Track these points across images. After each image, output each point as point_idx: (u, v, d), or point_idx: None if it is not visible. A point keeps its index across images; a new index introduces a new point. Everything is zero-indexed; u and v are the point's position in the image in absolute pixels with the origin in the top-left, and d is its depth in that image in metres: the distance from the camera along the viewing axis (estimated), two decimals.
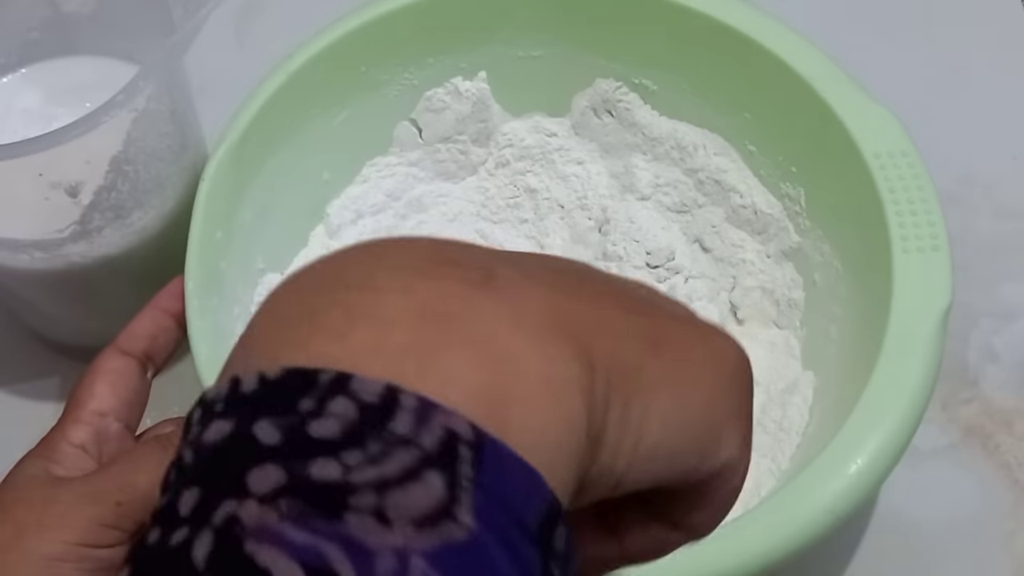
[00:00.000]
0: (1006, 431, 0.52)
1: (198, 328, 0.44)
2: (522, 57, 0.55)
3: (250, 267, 0.50)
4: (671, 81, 0.54)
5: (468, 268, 0.22)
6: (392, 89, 0.54)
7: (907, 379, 0.41)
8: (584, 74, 0.55)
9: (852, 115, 0.47)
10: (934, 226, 0.44)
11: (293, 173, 0.52)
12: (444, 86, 0.55)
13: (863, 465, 0.39)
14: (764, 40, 0.50)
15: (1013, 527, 0.50)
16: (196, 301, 0.44)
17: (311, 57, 0.50)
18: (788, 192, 0.51)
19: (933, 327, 0.42)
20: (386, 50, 0.53)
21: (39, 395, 0.54)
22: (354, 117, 0.53)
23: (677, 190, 0.55)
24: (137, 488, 0.38)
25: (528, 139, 0.57)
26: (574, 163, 0.57)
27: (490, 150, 0.57)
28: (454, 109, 0.56)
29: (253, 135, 0.49)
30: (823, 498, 0.39)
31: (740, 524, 0.39)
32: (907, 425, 0.40)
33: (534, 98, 0.57)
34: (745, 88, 0.51)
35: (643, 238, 0.54)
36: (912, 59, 0.64)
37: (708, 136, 0.54)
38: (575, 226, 0.57)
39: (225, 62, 0.60)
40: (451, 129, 0.56)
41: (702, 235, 0.54)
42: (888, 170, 0.46)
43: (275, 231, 0.51)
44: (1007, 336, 0.55)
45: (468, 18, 0.53)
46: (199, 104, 0.52)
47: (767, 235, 0.52)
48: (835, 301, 0.48)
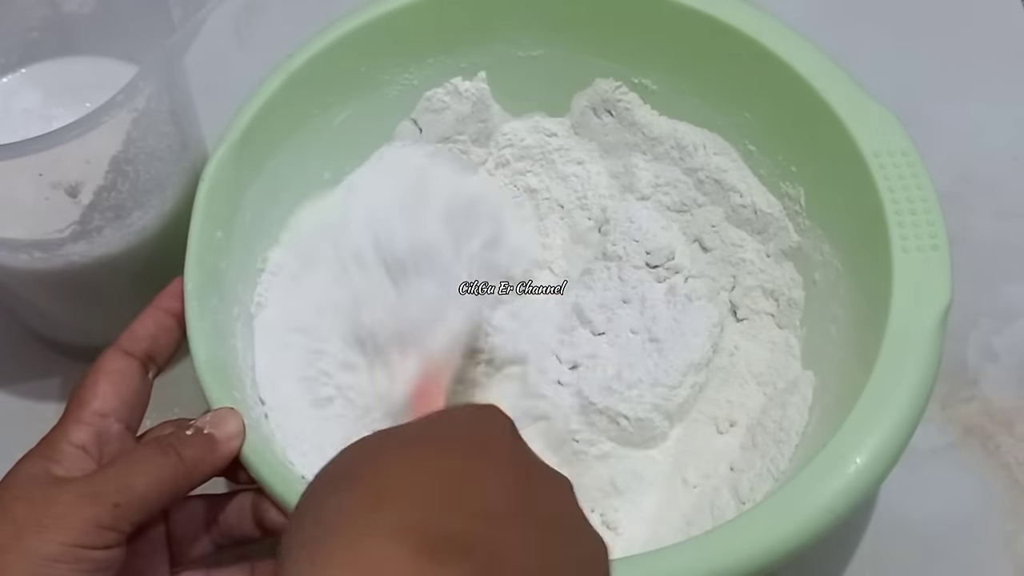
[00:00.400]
0: (1006, 431, 0.53)
1: (197, 328, 0.44)
2: (522, 57, 0.55)
3: (250, 267, 0.50)
4: (671, 81, 0.54)
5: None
6: (392, 89, 0.54)
7: (906, 379, 0.41)
8: (584, 74, 0.55)
9: (852, 115, 0.47)
10: (933, 225, 0.44)
11: (293, 173, 0.52)
12: (444, 86, 0.55)
13: (862, 465, 0.39)
14: (764, 40, 0.50)
15: (1013, 527, 0.50)
16: (195, 302, 0.44)
17: (311, 57, 0.50)
18: (788, 191, 0.51)
19: (932, 327, 0.42)
20: (386, 50, 0.53)
21: (39, 395, 0.54)
22: (354, 117, 0.53)
23: (677, 190, 0.55)
24: (135, 490, 0.38)
25: (528, 139, 0.57)
26: (574, 163, 0.57)
27: (490, 150, 0.57)
28: (454, 109, 0.56)
29: (253, 135, 0.49)
30: (822, 498, 0.39)
31: (739, 524, 0.39)
32: (906, 425, 0.40)
33: (534, 98, 0.57)
34: (745, 88, 0.51)
35: (643, 238, 0.54)
36: (912, 59, 0.64)
37: (708, 136, 0.54)
38: (575, 226, 0.57)
39: (225, 62, 0.61)
40: (451, 129, 0.56)
41: (702, 235, 0.54)
42: (888, 169, 0.46)
43: (275, 231, 0.52)
44: (1007, 336, 0.55)
45: (468, 18, 0.53)
46: (199, 104, 0.52)
47: (767, 235, 0.52)
48: (835, 301, 0.48)
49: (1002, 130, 0.61)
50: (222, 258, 0.47)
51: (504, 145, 0.57)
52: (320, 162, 0.53)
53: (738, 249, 0.53)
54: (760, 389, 0.50)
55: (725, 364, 0.51)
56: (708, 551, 0.38)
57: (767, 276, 0.52)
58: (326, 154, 0.53)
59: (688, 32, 0.52)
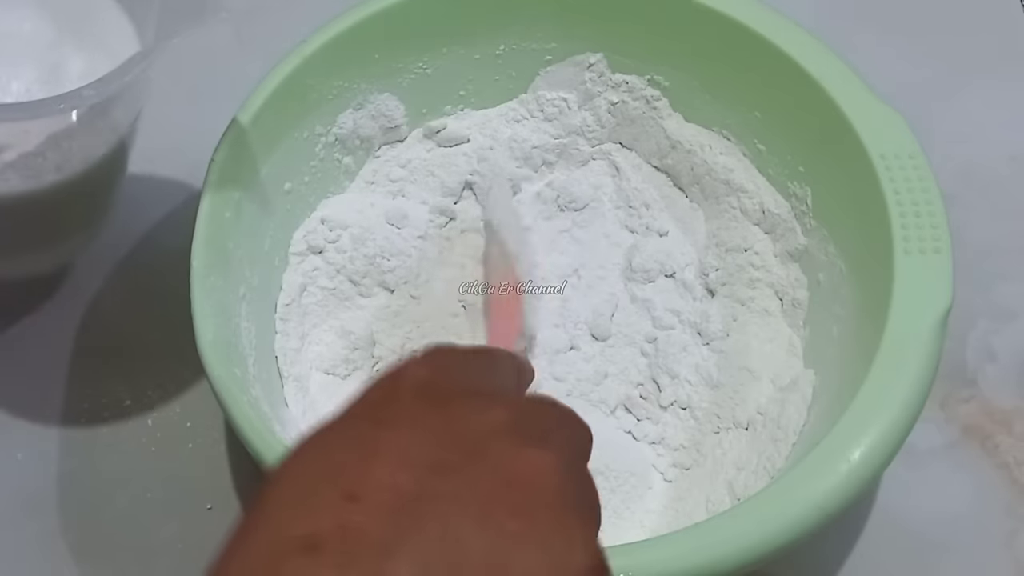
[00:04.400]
0: (1005, 431, 0.53)
1: (202, 307, 0.44)
2: (536, 49, 0.55)
3: (258, 248, 0.50)
4: (683, 78, 0.54)
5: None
6: (405, 78, 0.54)
7: (902, 379, 0.41)
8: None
9: (861, 116, 0.47)
10: (937, 228, 0.44)
11: (306, 154, 0.52)
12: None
13: (855, 463, 0.39)
14: (777, 39, 0.50)
15: (1012, 526, 0.50)
16: (201, 280, 0.45)
17: (325, 42, 0.51)
18: (795, 191, 0.51)
19: (931, 329, 0.42)
20: (400, 38, 0.53)
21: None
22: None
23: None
24: None
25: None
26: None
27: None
28: None
29: (264, 116, 0.49)
30: (814, 495, 0.39)
31: (729, 518, 0.39)
32: (901, 425, 0.41)
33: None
34: (756, 87, 0.51)
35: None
36: (912, 59, 0.64)
37: (713, 137, 0.54)
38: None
39: (225, 62, 0.60)
40: None
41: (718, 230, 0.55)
42: (894, 171, 0.46)
43: (285, 211, 0.52)
44: (1005, 336, 0.55)
45: (482, 9, 0.54)
46: (199, 104, 0.52)
47: (775, 235, 0.52)
48: (838, 301, 0.48)
49: (1001, 130, 0.61)
50: (230, 238, 0.47)
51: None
52: (335, 146, 0.54)
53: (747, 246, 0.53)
54: (761, 386, 0.50)
55: (728, 360, 0.51)
56: (696, 543, 0.39)
57: (773, 275, 0.52)
58: (340, 139, 0.54)
59: (701, 30, 0.52)
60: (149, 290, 0.55)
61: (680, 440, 0.50)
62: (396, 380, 0.28)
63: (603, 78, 0.56)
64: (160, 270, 0.54)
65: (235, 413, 0.42)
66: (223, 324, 0.45)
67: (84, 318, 0.55)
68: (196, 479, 0.51)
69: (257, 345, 0.48)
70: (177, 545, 0.49)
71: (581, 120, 0.57)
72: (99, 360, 0.54)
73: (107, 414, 0.52)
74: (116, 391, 0.53)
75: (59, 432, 0.52)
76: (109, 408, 0.52)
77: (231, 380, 0.42)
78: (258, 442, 0.41)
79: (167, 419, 0.52)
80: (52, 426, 0.52)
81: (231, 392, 0.42)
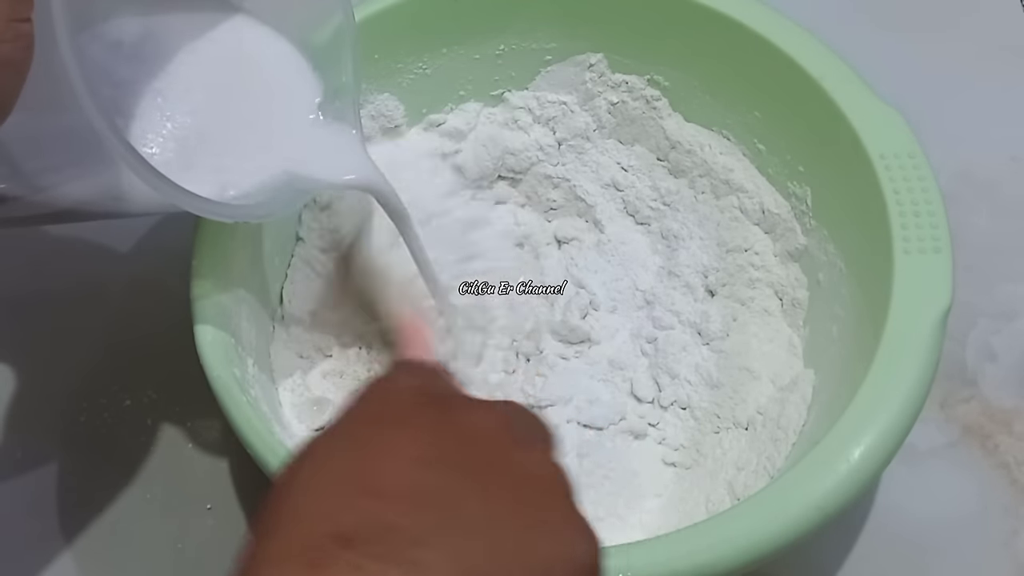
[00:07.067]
0: (1005, 431, 0.53)
1: (202, 307, 0.44)
2: (535, 50, 0.55)
3: (258, 249, 0.50)
4: (682, 78, 0.54)
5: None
6: (405, 78, 0.54)
7: (901, 380, 0.41)
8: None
9: (861, 116, 0.47)
10: (937, 228, 0.44)
11: None
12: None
13: (853, 463, 0.39)
14: (776, 39, 0.50)
15: (1012, 526, 0.50)
16: (201, 281, 0.45)
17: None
18: (795, 191, 0.51)
19: (930, 329, 0.42)
20: (400, 38, 0.53)
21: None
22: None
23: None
24: None
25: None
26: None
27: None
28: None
29: None
30: (813, 495, 0.39)
31: (729, 518, 0.39)
32: (900, 426, 0.41)
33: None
34: (756, 87, 0.51)
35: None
36: (912, 59, 0.64)
37: (713, 136, 0.54)
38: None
39: None
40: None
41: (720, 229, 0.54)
42: (894, 171, 0.46)
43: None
44: (1006, 336, 0.55)
45: (483, 10, 0.54)
46: None
47: (775, 235, 0.52)
48: (838, 301, 0.48)
49: (1001, 130, 0.62)
50: (230, 238, 0.47)
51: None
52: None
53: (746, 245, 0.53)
54: (761, 386, 0.50)
55: (728, 360, 0.52)
56: (696, 543, 0.39)
57: (773, 275, 0.52)
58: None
59: (701, 30, 0.52)
60: (149, 290, 0.55)
61: (680, 440, 0.50)
62: (391, 385, 0.30)
63: (603, 78, 0.56)
64: (160, 270, 0.54)
65: (235, 413, 0.42)
66: (223, 324, 0.45)
67: (84, 318, 0.55)
68: (196, 479, 0.51)
69: (257, 346, 0.48)
70: (177, 545, 0.49)
71: (583, 123, 0.57)
72: (99, 360, 0.54)
73: (107, 414, 0.52)
74: (116, 391, 0.53)
75: (59, 432, 0.52)
76: (109, 408, 0.53)
77: (231, 380, 0.43)
78: (258, 442, 0.41)
79: (167, 419, 0.52)
80: (52, 426, 0.52)
81: (231, 392, 0.42)
